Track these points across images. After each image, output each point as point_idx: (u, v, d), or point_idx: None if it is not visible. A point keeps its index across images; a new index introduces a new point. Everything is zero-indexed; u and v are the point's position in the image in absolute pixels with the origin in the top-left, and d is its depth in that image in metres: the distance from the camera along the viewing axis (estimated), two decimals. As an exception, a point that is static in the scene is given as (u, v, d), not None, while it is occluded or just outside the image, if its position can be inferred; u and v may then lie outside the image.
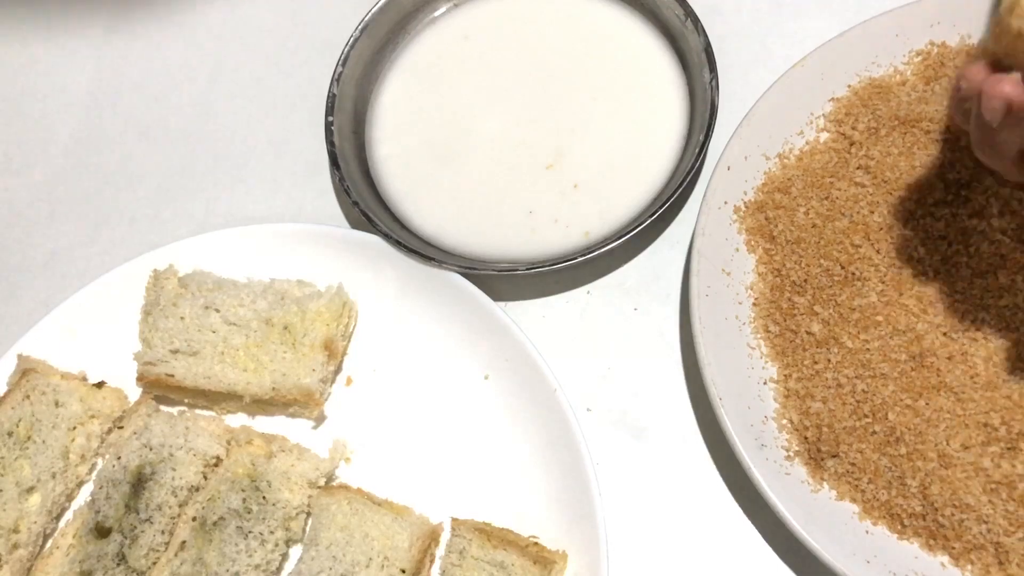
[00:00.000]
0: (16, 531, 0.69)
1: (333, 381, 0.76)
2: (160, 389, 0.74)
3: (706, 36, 0.77)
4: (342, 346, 0.76)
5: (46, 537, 0.71)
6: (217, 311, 0.74)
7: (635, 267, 0.79)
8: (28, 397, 0.73)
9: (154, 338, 0.74)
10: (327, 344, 0.73)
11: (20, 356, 0.75)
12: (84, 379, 0.76)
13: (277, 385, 0.72)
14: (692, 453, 0.71)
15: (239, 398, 0.72)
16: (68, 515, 0.72)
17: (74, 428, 0.73)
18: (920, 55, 0.76)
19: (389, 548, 0.66)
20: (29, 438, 0.72)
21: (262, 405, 0.74)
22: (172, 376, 0.72)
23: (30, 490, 0.71)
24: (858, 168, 0.72)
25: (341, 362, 0.76)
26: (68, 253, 0.87)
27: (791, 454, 0.66)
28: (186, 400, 0.75)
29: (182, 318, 0.74)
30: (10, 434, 0.72)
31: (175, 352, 0.73)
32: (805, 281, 0.70)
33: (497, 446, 0.72)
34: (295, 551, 0.70)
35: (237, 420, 0.75)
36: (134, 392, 0.76)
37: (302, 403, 0.72)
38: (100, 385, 0.76)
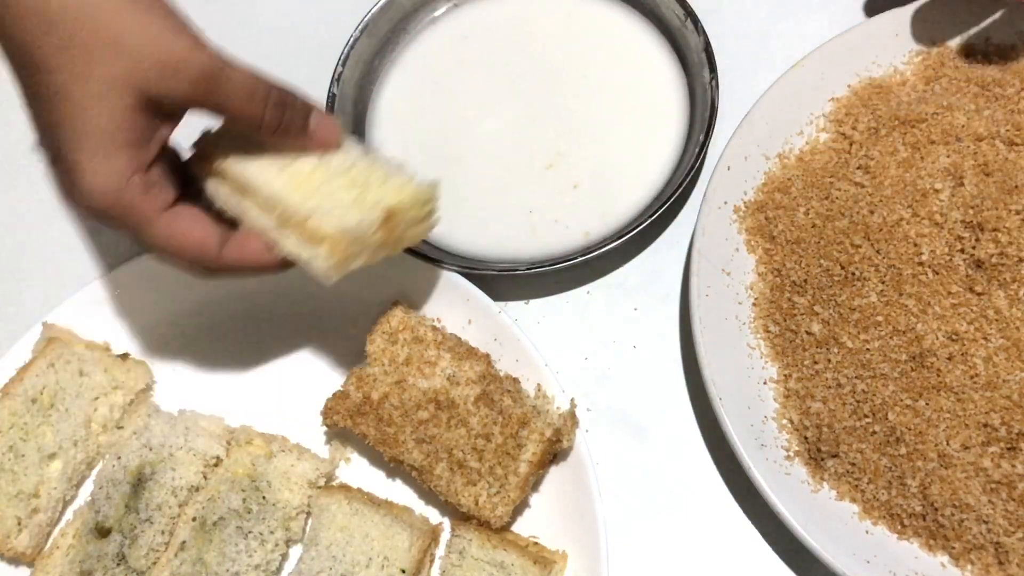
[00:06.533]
0: (36, 496, 0.70)
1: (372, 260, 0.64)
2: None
3: (706, 36, 0.77)
4: (402, 233, 0.65)
5: (65, 504, 0.72)
6: None
7: (635, 267, 0.79)
8: (53, 365, 0.73)
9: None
10: (389, 213, 0.62)
11: (45, 324, 0.75)
12: (108, 350, 0.77)
13: (315, 214, 0.61)
14: (692, 453, 0.71)
15: (272, 208, 0.63)
16: (68, 515, 0.72)
17: (97, 398, 0.74)
18: (920, 55, 0.76)
19: (389, 548, 0.66)
20: (52, 405, 0.72)
21: (293, 226, 0.63)
22: (226, 158, 0.65)
23: (51, 456, 0.71)
24: (858, 168, 0.72)
25: (390, 250, 0.65)
26: (69, 253, 0.87)
27: (791, 454, 0.66)
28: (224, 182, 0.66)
29: None
30: (34, 401, 0.72)
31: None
32: (805, 281, 0.70)
33: (497, 446, 0.72)
34: (295, 551, 0.70)
35: (237, 420, 0.75)
36: (158, 366, 0.77)
37: (330, 243, 0.61)
38: (124, 357, 0.76)
